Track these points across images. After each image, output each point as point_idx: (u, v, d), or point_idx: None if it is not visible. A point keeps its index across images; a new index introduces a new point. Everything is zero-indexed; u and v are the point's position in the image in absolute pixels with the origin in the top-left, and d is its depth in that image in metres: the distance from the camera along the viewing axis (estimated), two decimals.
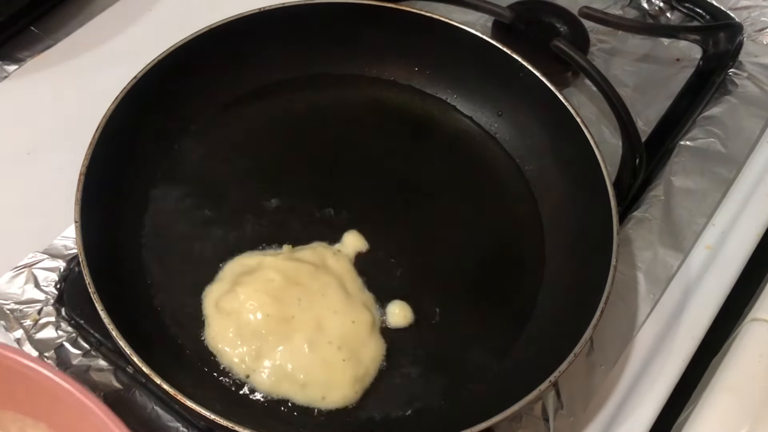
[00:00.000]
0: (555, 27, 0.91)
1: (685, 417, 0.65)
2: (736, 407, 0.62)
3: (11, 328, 0.65)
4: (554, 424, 0.65)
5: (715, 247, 0.77)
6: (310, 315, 0.65)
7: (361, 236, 0.71)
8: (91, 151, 0.66)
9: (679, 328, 0.71)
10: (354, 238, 0.71)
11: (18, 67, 0.84)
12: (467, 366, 0.66)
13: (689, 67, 0.91)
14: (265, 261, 0.68)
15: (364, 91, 0.83)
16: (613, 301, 0.64)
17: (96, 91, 0.74)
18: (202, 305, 0.66)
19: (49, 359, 0.64)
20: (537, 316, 0.69)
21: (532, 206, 0.76)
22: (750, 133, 0.85)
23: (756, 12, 0.96)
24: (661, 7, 0.98)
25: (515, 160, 0.79)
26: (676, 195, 0.79)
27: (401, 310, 0.67)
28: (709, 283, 0.74)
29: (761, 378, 0.63)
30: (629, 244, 0.75)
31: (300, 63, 0.81)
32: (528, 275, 0.72)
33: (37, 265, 0.69)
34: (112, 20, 0.89)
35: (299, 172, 0.76)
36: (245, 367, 0.63)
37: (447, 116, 0.82)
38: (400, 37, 0.80)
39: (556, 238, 0.73)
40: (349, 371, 0.63)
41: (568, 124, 0.73)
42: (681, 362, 0.69)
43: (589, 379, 0.67)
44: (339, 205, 0.74)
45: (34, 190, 0.75)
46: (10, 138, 0.79)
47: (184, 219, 0.71)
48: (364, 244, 0.71)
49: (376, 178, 0.77)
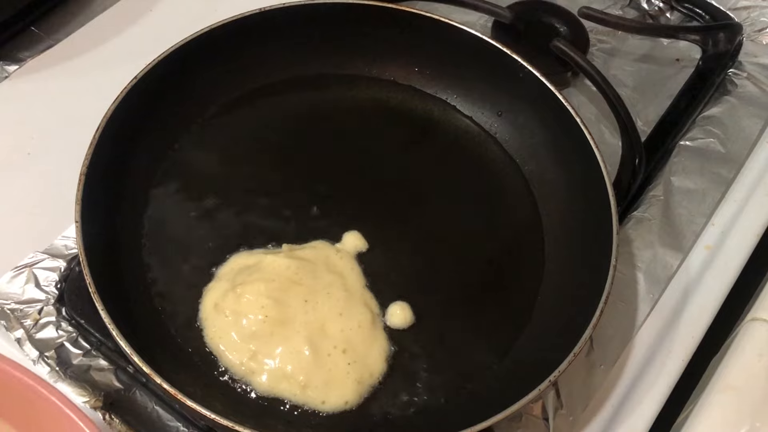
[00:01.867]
0: (555, 27, 0.91)
1: (685, 416, 0.65)
2: (736, 407, 0.62)
3: (12, 327, 0.65)
4: (554, 423, 0.65)
5: (715, 247, 0.77)
6: (315, 317, 0.65)
7: (361, 236, 0.71)
8: (91, 151, 0.66)
9: (679, 328, 0.71)
10: (354, 237, 0.71)
11: (18, 67, 0.84)
12: (467, 366, 0.66)
13: (689, 68, 0.91)
14: (266, 259, 0.67)
15: (364, 91, 0.83)
16: (613, 301, 0.64)
17: (96, 91, 0.74)
18: (202, 305, 0.66)
19: (49, 359, 0.64)
20: (537, 316, 0.69)
21: (532, 206, 0.76)
22: (749, 133, 0.85)
23: (755, 12, 0.96)
24: (660, 7, 0.98)
25: (515, 160, 0.79)
26: (676, 195, 0.79)
27: (402, 311, 0.67)
28: (709, 283, 0.74)
29: (761, 377, 0.63)
30: (629, 244, 0.75)
31: (300, 63, 0.81)
32: (528, 275, 0.72)
33: (37, 265, 0.69)
34: (112, 20, 0.90)
35: (299, 172, 0.76)
36: (245, 368, 0.63)
37: (447, 116, 0.82)
38: (400, 37, 0.81)
39: (555, 238, 0.73)
40: (353, 374, 0.63)
41: (568, 124, 0.73)
42: (681, 362, 0.69)
43: (588, 378, 0.67)
44: (339, 204, 0.74)
45: (34, 190, 0.75)
46: (11, 138, 0.79)
47: (184, 218, 0.71)
48: (364, 243, 0.71)
49: (376, 177, 0.77)
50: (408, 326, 0.67)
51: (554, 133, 0.76)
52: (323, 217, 0.73)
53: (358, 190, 0.76)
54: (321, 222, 0.72)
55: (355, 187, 0.76)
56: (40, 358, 0.64)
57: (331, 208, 0.74)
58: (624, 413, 0.66)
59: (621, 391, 0.67)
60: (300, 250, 0.69)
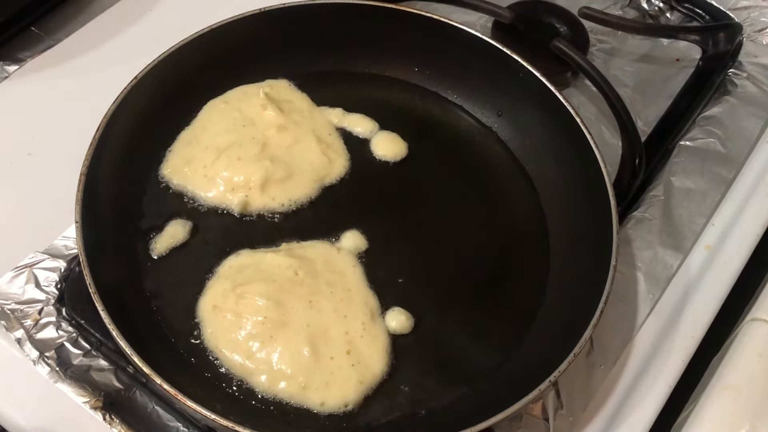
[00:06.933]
0: (555, 27, 0.91)
1: (685, 416, 0.65)
2: (736, 406, 0.62)
3: (12, 328, 0.65)
4: (554, 423, 0.65)
5: (715, 247, 0.77)
6: (317, 318, 0.64)
7: (361, 235, 0.71)
8: (91, 151, 0.66)
9: (679, 328, 0.71)
10: (354, 237, 0.71)
11: (18, 67, 0.84)
12: (467, 366, 0.66)
13: (689, 68, 0.92)
14: (266, 258, 0.68)
15: (365, 90, 0.83)
16: (613, 301, 0.64)
17: (96, 91, 0.74)
18: (202, 305, 0.66)
19: (49, 359, 0.64)
20: (537, 316, 0.69)
21: (534, 207, 0.76)
22: (749, 133, 0.85)
23: (756, 12, 0.96)
24: (660, 7, 0.98)
25: (517, 160, 0.79)
26: (676, 195, 0.79)
27: (401, 315, 0.67)
28: (709, 283, 0.74)
29: (761, 377, 0.63)
30: (629, 244, 0.75)
31: (300, 62, 0.81)
32: (528, 276, 0.72)
33: (37, 265, 0.69)
34: (112, 20, 0.90)
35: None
36: (245, 368, 0.63)
37: (447, 116, 0.82)
38: (401, 37, 0.81)
39: (556, 238, 0.73)
40: (356, 375, 0.63)
41: (568, 125, 0.73)
42: (681, 362, 0.69)
43: (588, 379, 0.67)
44: (339, 204, 0.74)
45: (34, 190, 0.75)
46: (11, 138, 0.79)
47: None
48: (363, 243, 0.71)
49: (376, 177, 0.77)
50: (408, 331, 0.67)
51: (554, 133, 0.76)
52: (323, 215, 0.73)
53: (358, 189, 0.76)
54: (321, 222, 0.72)
55: (354, 185, 0.76)
56: (40, 358, 0.64)
57: (330, 207, 0.74)
58: (624, 413, 0.66)
59: (621, 391, 0.67)
60: (300, 249, 0.69)
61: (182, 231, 0.70)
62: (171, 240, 0.69)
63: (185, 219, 0.71)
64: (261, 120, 0.75)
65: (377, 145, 0.78)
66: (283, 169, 0.73)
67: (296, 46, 0.81)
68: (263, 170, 0.72)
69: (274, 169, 0.72)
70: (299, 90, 0.81)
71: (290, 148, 0.75)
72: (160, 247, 0.69)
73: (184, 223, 0.70)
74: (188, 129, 0.76)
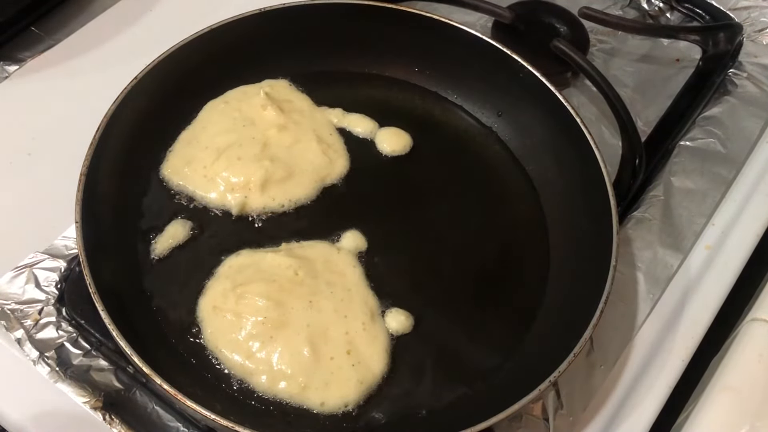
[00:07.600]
0: (555, 27, 0.91)
1: (685, 417, 0.65)
2: (736, 407, 0.62)
3: (12, 328, 0.65)
4: (554, 423, 0.65)
5: (715, 247, 0.77)
6: (318, 318, 0.64)
7: (361, 235, 0.71)
8: (92, 151, 0.66)
9: (679, 328, 0.71)
10: (354, 237, 0.71)
11: (18, 67, 0.84)
12: (467, 366, 0.66)
13: (689, 68, 0.92)
14: (266, 258, 0.68)
15: (365, 91, 0.83)
16: (613, 301, 0.64)
17: (96, 91, 0.74)
18: (202, 305, 0.66)
19: (49, 359, 0.64)
20: (536, 316, 0.69)
21: (535, 207, 0.76)
22: (749, 133, 0.85)
23: (756, 12, 0.96)
24: (660, 7, 0.98)
25: (517, 160, 0.79)
26: (676, 195, 0.79)
27: (401, 315, 0.67)
28: (709, 283, 0.74)
29: (761, 378, 0.63)
30: (629, 244, 0.75)
31: (300, 62, 0.81)
32: (528, 276, 0.72)
33: (37, 265, 0.69)
34: (112, 20, 0.90)
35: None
36: (245, 368, 0.63)
37: (447, 116, 0.82)
38: (401, 37, 0.81)
39: (556, 238, 0.73)
40: (356, 375, 0.63)
41: (568, 125, 0.73)
42: (681, 362, 0.69)
43: (588, 379, 0.67)
44: (339, 204, 0.74)
45: (34, 190, 0.75)
46: (11, 138, 0.79)
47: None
48: (363, 243, 0.71)
49: (376, 176, 0.77)
50: (407, 331, 0.67)
51: (554, 133, 0.76)
52: (323, 216, 0.73)
53: (358, 189, 0.76)
54: (320, 221, 0.72)
55: (354, 186, 0.76)
56: (40, 358, 0.64)
57: (331, 207, 0.74)
58: (624, 413, 0.66)
59: (621, 391, 0.67)
60: (300, 249, 0.69)
61: (182, 231, 0.70)
62: (171, 240, 0.69)
63: (185, 219, 0.71)
64: (261, 120, 0.75)
65: (383, 141, 0.78)
66: (283, 169, 0.73)
67: (296, 46, 0.81)
68: (263, 170, 0.72)
69: (274, 169, 0.72)
70: (299, 90, 0.81)
71: (290, 148, 0.75)
72: (161, 247, 0.69)
73: (184, 223, 0.70)
74: (188, 129, 0.76)
